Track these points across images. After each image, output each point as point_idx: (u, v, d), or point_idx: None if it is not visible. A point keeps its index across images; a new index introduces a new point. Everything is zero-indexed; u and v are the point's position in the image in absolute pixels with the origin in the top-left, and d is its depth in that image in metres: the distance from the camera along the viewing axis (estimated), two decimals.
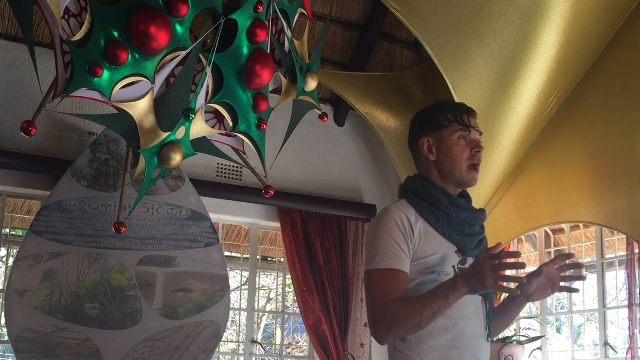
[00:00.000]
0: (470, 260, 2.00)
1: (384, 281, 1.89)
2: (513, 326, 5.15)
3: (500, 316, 2.13)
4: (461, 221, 1.99)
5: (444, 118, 2.04)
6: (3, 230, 4.79)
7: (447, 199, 2.00)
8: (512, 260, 1.76)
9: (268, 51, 2.48)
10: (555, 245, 5.66)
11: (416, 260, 1.93)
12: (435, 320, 1.84)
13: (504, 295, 2.80)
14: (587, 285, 5.55)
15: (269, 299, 10.45)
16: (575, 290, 2.09)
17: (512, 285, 1.82)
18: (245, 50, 2.37)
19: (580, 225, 5.41)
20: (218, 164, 5.14)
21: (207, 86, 2.35)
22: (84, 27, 2.06)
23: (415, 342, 1.90)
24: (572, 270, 2.03)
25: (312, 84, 2.68)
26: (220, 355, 6.33)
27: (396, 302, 1.85)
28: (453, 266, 1.97)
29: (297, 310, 5.28)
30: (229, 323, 5.32)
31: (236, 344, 9.12)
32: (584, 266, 2.03)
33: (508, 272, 3.24)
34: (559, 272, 2.02)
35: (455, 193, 2.06)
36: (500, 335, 4.85)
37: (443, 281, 1.88)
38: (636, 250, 4.43)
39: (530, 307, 6.36)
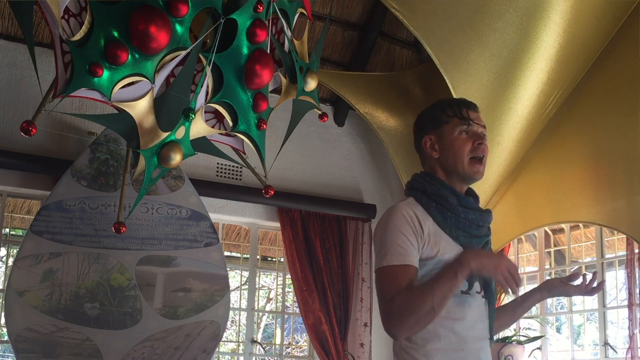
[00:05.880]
0: None
1: (396, 276, 1.87)
2: (513, 326, 5.14)
3: (503, 313, 2.18)
4: (469, 222, 1.98)
5: (443, 114, 2.03)
6: (3, 230, 4.79)
7: (455, 199, 1.97)
8: (515, 281, 1.79)
9: (268, 51, 2.48)
10: (555, 245, 5.65)
11: (423, 260, 1.91)
12: (447, 303, 1.82)
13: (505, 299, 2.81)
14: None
15: (269, 299, 10.45)
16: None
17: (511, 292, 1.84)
18: (245, 50, 2.37)
19: (580, 225, 5.41)
20: (218, 164, 5.13)
21: (207, 86, 2.36)
22: (84, 27, 2.07)
23: (421, 343, 1.89)
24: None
25: (312, 84, 2.69)
26: (220, 355, 6.32)
27: (404, 292, 1.84)
28: None
29: (297, 310, 5.27)
30: (229, 323, 5.31)
31: (236, 344, 9.12)
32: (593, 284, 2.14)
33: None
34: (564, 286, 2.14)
35: (463, 190, 2.04)
36: (500, 335, 4.84)
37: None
38: (636, 250, 4.42)
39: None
